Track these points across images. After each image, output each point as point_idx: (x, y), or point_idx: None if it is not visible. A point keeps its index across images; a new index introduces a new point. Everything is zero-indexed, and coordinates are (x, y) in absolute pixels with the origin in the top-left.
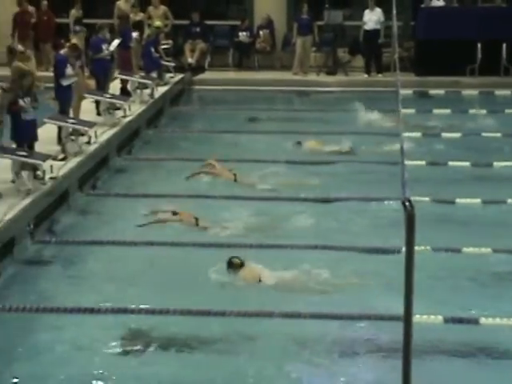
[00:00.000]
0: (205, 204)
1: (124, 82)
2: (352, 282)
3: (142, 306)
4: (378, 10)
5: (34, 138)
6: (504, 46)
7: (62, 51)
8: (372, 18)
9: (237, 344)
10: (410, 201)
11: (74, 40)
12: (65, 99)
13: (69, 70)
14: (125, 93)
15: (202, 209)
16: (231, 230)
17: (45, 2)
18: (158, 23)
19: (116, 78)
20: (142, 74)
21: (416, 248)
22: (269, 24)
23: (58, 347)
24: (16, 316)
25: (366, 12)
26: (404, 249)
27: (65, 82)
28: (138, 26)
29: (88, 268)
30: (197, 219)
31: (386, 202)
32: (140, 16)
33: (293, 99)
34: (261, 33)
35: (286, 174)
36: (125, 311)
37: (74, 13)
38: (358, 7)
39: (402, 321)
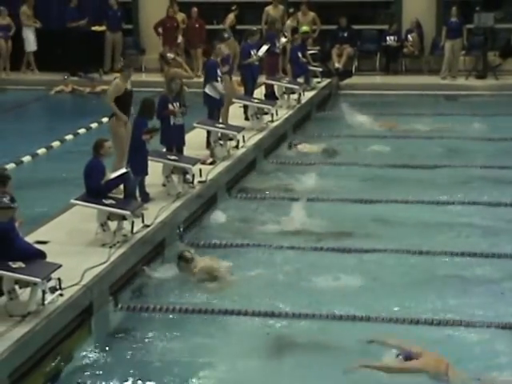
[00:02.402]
0: None
1: (270, 88)
2: None
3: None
4: None
5: (183, 142)
6: None
7: (212, 56)
8: None
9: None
10: None
11: (221, 46)
12: (213, 104)
13: (220, 74)
14: (270, 98)
15: None
16: None
17: (195, 9)
18: (304, 28)
19: (263, 83)
20: (289, 79)
21: None
22: (417, 28)
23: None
24: None
25: None
26: None
27: (211, 90)
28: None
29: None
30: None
31: None
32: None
33: (441, 103)
34: (409, 37)
35: None
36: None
37: (230, 18)
38: (509, 9)
39: None
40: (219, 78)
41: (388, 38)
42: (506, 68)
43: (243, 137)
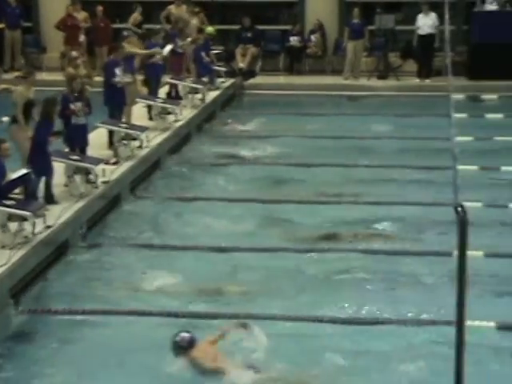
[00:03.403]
0: None
1: (174, 87)
2: None
3: None
4: (433, 15)
5: (85, 142)
6: None
7: (112, 55)
8: (427, 22)
9: None
10: (462, 206)
11: (124, 45)
12: (114, 104)
13: (118, 73)
14: (174, 98)
15: None
16: None
17: (100, 8)
18: (210, 29)
19: (167, 82)
20: (193, 78)
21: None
22: (320, 28)
23: None
24: None
25: (420, 16)
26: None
27: (117, 83)
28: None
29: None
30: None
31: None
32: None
33: (344, 103)
34: (312, 37)
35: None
36: None
37: (134, 17)
38: (409, 11)
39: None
40: (117, 78)
41: (291, 38)
42: (406, 69)
43: (147, 137)
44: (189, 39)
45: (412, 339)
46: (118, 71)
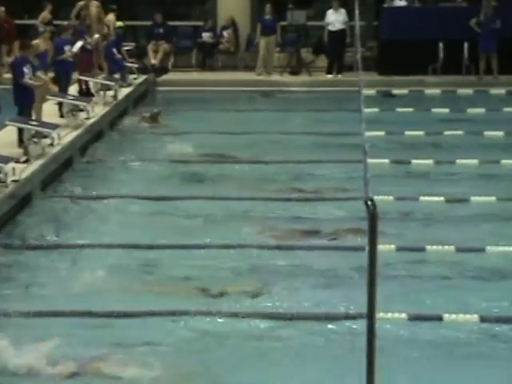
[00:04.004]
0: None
1: (85, 84)
2: None
3: None
4: (343, 11)
5: None
6: (465, 45)
7: (21, 52)
8: (338, 18)
9: None
10: (372, 200)
11: (37, 41)
12: (24, 101)
13: (27, 71)
14: (85, 95)
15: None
16: None
17: (2, 9)
18: (119, 23)
19: (78, 79)
20: (105, 75)
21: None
22: (232, 24)
23: None
24: None
25: (330, 12)
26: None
27: (26, 82)
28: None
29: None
30: None
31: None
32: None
33: (257, 99)
34: (224, 33)
35: None
36: None
37: (43, 16)
38: (320, 7)
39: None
40: (26, 76)
41: (204, 34)
42: (318, 65)
43: (58, 134)
44: (96, 36)
45: (325, 334)
46: (26, 69)
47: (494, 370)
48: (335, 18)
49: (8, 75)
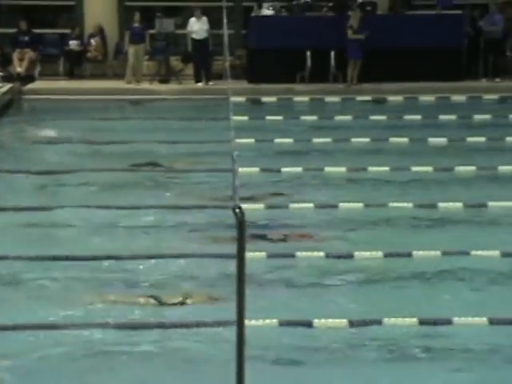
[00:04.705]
0: None
1: None
2: None
3: None
4: (204, 19)
5: None
6: (332, 53)
7: None
8: (202, 27)
9: None
10: (240, 208)
11: None
12: None
13: None
14: None
15: None
16: None
17: None
18: None
19: None
20: None
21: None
22: (100, 32)
23: None
24: None
25: (193, 21)
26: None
27: None
28: None
29: None
30: None
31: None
32: None
33: (126, 108)
34: (92, 41)
35: None
36: None
37: None
38: (189, 15)
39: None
40: None
41: (71, 42)
42: (188, 73)
43: None
44: None
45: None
46: None
47: (360, 372)
48: (199, 27)
49: None
